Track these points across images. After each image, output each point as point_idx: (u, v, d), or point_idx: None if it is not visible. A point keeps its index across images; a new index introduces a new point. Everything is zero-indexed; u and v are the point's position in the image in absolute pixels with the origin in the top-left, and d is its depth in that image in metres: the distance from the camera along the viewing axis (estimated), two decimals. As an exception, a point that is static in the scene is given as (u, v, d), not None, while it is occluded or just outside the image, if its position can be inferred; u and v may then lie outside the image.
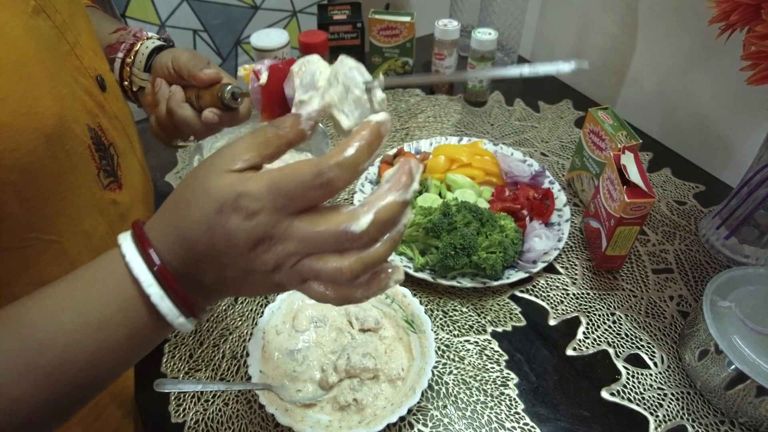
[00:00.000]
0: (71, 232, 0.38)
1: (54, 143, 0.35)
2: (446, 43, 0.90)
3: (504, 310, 0.60)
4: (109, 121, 0.45)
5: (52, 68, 0.36)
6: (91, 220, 0.41)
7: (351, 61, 0.33)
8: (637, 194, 0.55)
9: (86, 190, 0.40)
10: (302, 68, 0.34)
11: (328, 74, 0.34)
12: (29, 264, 0.35)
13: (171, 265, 0.29)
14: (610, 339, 0.57)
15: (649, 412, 0.51)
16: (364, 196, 0.73)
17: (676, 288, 0.62)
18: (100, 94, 0.44)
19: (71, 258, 0.39)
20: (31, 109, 0.32)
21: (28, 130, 0.32)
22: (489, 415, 0.51)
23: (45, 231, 0.36)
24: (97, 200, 0.41)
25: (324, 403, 0.49)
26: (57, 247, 0.37)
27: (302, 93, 0.34)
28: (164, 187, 0.80)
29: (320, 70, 0.34)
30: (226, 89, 0.47)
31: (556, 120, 0.90)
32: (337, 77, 0.33)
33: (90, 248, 0.41)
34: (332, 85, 0.33)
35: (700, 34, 0.74)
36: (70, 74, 0.39)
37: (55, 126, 0.34)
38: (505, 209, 0.67)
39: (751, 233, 0.62)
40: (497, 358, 0.55)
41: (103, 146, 0.42)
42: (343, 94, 0.33)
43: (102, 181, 0.42)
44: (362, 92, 0.32)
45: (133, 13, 1.17)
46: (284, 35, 0.85)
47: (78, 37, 0.41)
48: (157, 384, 0.45)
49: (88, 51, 0.43)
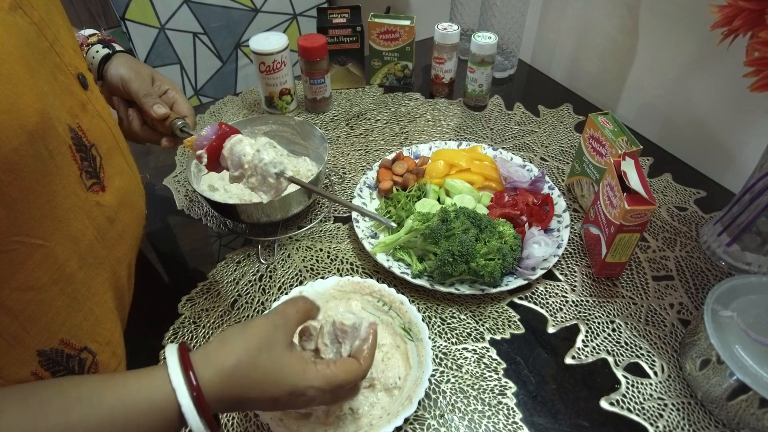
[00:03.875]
0: (58, 236, 0.37)
1: (37, 141, 0.34)
2: (446, 46, 0.89)
3: (502, 317, 0.59)
4: (92, 121, 0.44)
5: (33, 65, 0.35)
6: (79, 224, 0.40)
7: (267, 157, 0.48)
8: (638, 201, 0.55)
9: (71, 192, 0.39)
10: (232, 150, 0.48)
11: (251, 156, 0.48)
12: (15, 269, 0.34)
13: (215, 408, 0.37)
14: (610, 347, 0.56)
15: (650, 422, 0.50)
16: (362, 200, 0.72)
17: (677, 296, 0.61)
18: (82, 93, 0.43)
19: (59, 263, 0.38)
20: (14, 105, 0.31)
21: (11, 127, 0.31)
22: (487, 425, 0.50)
23: (30, 234, 0.35)
24: (82, 202, 0.41)
25: (319, 413, 0.48)
26: (44, 251, 0.36)
27: (234, 170, 0.49)
28: (163, 190, 0.79)
29: (244, 154, 0.48)
30: (176, 124, 0.56)
31: (556, 124, 0.89)
32: (256, 169, 0.48)
33: (78, 253, 0.40)
34: (253, 175, 0.49)
35: (702, 39, 0.73)
36: (50, 72, 0.38)
37: (38, 123, 0.34)
38: (504, 215, 0.66)
39: (754, 240, 0.61)
40: (495, 366, 0.55)
41: (84, 147, 0.41)
42: (261, 181, 0.49)
43: (85, 183, 0.41)
44: (274, 180, 0.48)
45: (132, 16, 1.17)
46: (283, 38, 0.85)
47: (57, 34, 0.41)
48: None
49: (68, 48, 0.42)
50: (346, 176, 0.80)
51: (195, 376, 0.36)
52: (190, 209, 0.76)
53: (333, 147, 0.85)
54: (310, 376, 0.39)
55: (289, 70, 0.87)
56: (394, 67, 0.97)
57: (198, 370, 0.36)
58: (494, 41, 0.85)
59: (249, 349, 0.38)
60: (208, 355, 0.38)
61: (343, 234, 0.70)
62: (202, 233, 0.73)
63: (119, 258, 0.48)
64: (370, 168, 0.76)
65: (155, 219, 0.74)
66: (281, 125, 0.77)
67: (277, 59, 0.84)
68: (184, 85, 1.31)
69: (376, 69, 0.98)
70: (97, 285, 0.44)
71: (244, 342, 0.38)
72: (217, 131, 0.50)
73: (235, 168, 0.49)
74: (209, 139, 0.50)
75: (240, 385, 0.37)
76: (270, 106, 0.91)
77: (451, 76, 0.94)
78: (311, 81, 0.88)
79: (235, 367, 0.37)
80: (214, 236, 0.72)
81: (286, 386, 0.38)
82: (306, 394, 0.39)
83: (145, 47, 1.22)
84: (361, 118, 0.92)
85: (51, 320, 0.38)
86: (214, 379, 0.37)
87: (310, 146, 0.76)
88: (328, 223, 0.72)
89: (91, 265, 0.42)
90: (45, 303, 0.38)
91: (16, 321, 0.36)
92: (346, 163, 0.82)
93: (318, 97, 0.91)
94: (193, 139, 0.52)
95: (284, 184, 0.50)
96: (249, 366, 0.38)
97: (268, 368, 0.38)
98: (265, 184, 0.49)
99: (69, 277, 0.39)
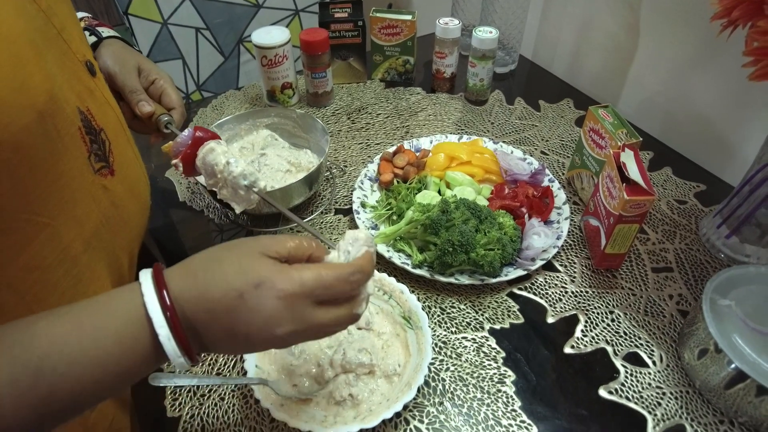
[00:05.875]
0: (64, 217, 0.38)
1: (46, 121, 0.34)
2: (447, 41, 0.90)
3: (502, 307, 0.60)
4: (100, 107, 0.45)
5: (41, 48, 0.35)
6: (84, 207, 0.40)
7: (237, 170, 0.48)
8: (637, 192, 0.55)
9: (78, 173, 0.39)
10: (204, 160, 0.49)
11: (222, 166, 0.48)
12: (22, 247, 0.35)
13: (182, 312, 0.32)
14: (609, 337, 0.57)
15: (648, 411, 0.50)
16: (363, 192, 0.72)
17: (676, 287, 0.62)
18: (90, 79, 0.44)
19: (64, 244, 0.38)
20: (23, 84, 0.32)
21: (21, 105, 0.32)
22: (486, 413, 0.50)
23: (37, 213, 0.35)
24: (89, 185, 0.41)
25: (320, 398, 0.48)
26: (49, 231, 0.37)
27: (208, 179, 0.50)
28: (164, 183, 0.80)
29: (216, 164, 0.48)
30: (162, 120, 0.57)
31: (557, 119, 0.90)
32: (227, 182, 0.48)
33: (82, 236, 0.41)
34: (225, 187, 0.49)
35: (702, 34, 0.74)
36: (58, 57, 0.39)
37: (47, 103, 0.34)
38: (504, 207, 0.66)
39: (753, 232, 0.61)
40: (494, 355, 0.55)
41: (93, 130, 0.42)
42: (233, 192, 0.49)
43: (93, 165, 0.42)
44: (245, 192, 0.49)
45: (135, 11, 1.18)
46: (285, 32, 0.85)
47: (64, 22, 0.41)
48: (153, 378, 0.45)
49: (75, 37, 0.43)
50: (347, 169, 0.80)
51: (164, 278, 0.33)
52: (192, 201, 0.76)
53: (334, 141, 0.86)
54: (281, 270, 0.33)
55: (290, 65, 0.88)
56: (396, 62, 0.97)
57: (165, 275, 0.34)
58: (495, 36, 0.85)
59: (215, 248, 0.35)
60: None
61: (344, 226, 0.71)
62: (204, 225, 0.73)
63: (122, 245, 0.49)
64: (371, 161, 0.77)
65: (158, 211, 0.75)
66: (283, 118, 0.77)
67: (279, 53, 0.84)
68: (186, 80, 1.32)
69: (377, 64, 0.98)
70: (99, 269, 0.44)
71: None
72: (192, 137, 0.49)
73: (209, 176, 0.49)
74: (184, 146, 0.49)
75: (202, 269, 0.33)
76: (272, 100, 0.92)
77: (453, 71, 0.95)
78: (313, 75, 0.89)
79: (191, 262, 0.34)
80: (216, 228, 0.73)
81: (252, 276, 0.32)
82: (275, 287, 0.32)
83: (147, 42, 1.23)
84: (363, 112, 0.92)
85: (56, 302, 0.39)
86: (174, 270, 0.34)
87: (312, 139, 0.77)
88: (329, 215, 0.73)
89: (95, 249, 0.43)
90: (50, 284, 0.38)
91: (23, 301, 0.37)
92: (347, 156, 0.83)
93: (320, 91, 0.91)
94: (170, 145, 0.51)
95: (255, 197, 0.49)
96: (212, 254, 0.34)
97: (233, 257, 0.34)
98: (237, 195, 0.49)
99: (73, 259, 0.40)
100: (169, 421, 0.50)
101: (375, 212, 0.70)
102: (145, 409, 0.52)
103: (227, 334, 0.33)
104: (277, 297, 0.32)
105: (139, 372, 0.33)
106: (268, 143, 0.75)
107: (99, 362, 0.31)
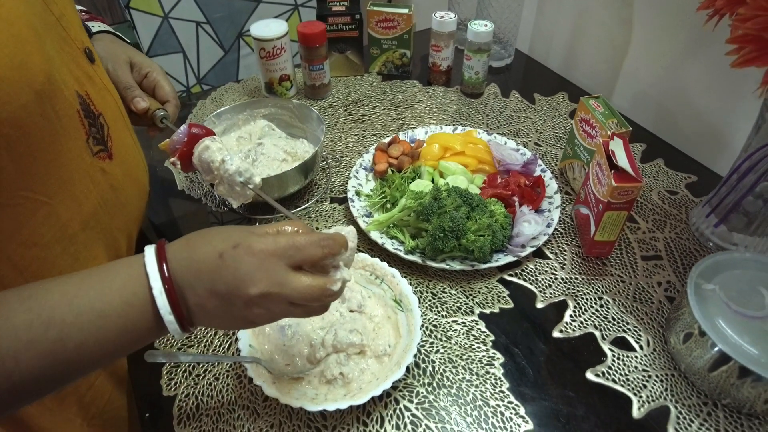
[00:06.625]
0: (62, 196, 0.39)
1: (44, 101, 0.36)
2: (443, 34, 0.91)
3: (492, 292, 0.61)
4: (98, 92, 0.46)
5: (40, 32, 0.37)
6: (82, 187, 0.42)
7: (232, 167, 0.50)
8: (625, 179, 0.56)
9: (76, 155, 0.41)
10: (200, 158, 0.51)
11: (218, 164, 0.50)
12: (21, 224, 0.36)
13: (174, 272, 0.35)
14: (597, 322, 0.58)
15: (633, 393, 0.51)
16: (358, 181, 0.74)
17: (665, 274, 0.63)
18: (88, 65, 0.45)
19: (62, 222, 0.40)
20: (23, 63, 0.33)
21: (20, 83, 0.33)
22: (474, 393, 0.51)
23: (35, 190, 0.37)
24: (87, 167, 0.42)
25: (311, 377, 0.50)
26: (48, 209, 0.38)
27: (205, 175, 0.52)
28: (164, 172, 0.81)
29: (212, 161, 0.50)
30: (157, 115, 0.59)
31: (551, 111, 0.91)
32: (223, 179, 0.50)
33: (81, 216, 0.42)
34: (221, 183, 0.51)
35: (694, 28, 0.75)
36: (57, 42, 0.40)
37: (45, 83, 0.35)
38: (496, 195, 0.67)
39: (740, 221, 0.62)
40: (484, 338, 0.56)
41: (92, 114, 0.43)
42: (229, 189, 0.51)
43: (91, 148, 0.43)
44: (241, 188, 0.51)
45: (137, 5, 1.19)
46: (283, 25, 0.86)
47: (63, 9, 0.42)
48: (148, 355, 0.46)
49: (74, 24, 0.44)
50: (343, 159, 0.81)
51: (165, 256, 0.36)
52: (190, 189, 0.77)
53: (331, 132, 0.87)
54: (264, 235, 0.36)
55: (288, 57, 0.89)
56: (393, 55, 0.99)
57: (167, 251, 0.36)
58: (490, 29, 0.86)
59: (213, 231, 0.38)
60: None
61: (339, 213, 0.72)
62: (202, 213, 0.74)
63: (120, 227, 0.50)
64: (366, 151, 0.78)
65: (156, 199, 0.76)
66: (280, 108, 0.79)
67: (277, 45, 0.86)
68: (186, 74, 1.33)
69: (374, 57, 0.99)
70: (97, 249, 0.45)
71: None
72: (187, 134, 0.50)
73: (206, 173, 0.52)
74: (180, 143, 0.51)
75: (194, 238, 0.37)
76: (270, 92, 0.93)
77: (449, 64, 0.96)
78: (310, 67, 0.90)
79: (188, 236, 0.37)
80: (214, 216, 0.74)
81: (234, 239, 0.35)
82: (251, 246, 0.35)
83: (149, 36, 1.24)
84: (359, 104, 0.93)
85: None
86: (175, 241, 0.37)
87: (308, 129, 0.78)
88: (325, 203, 0.74)
89: (93, 229, 0.44)
90: (48, 261, 0.39)
91: (21, 277, 0.38)
92: (343, 147, 0.84)
93: (317, 83, 0.92)
94: (167, 143, 0.52)
95: (251, 192, 0.52)
96: (208, 229, 0.38)
97: (223, 229, 0.37)
98: (234, 192, 0.51)
99: (71, 238, 0.41)
100: (165, 400, 0.52)
101: (369, 200, 0.71)
102: (142, 388, 0.53)
103: (209, 294, 0.34)
104: (251, 254, 0.34)
105: (138, 330, 0.35)
106: (265, 133, 0.77)
107: (103, 314, 0.33)
